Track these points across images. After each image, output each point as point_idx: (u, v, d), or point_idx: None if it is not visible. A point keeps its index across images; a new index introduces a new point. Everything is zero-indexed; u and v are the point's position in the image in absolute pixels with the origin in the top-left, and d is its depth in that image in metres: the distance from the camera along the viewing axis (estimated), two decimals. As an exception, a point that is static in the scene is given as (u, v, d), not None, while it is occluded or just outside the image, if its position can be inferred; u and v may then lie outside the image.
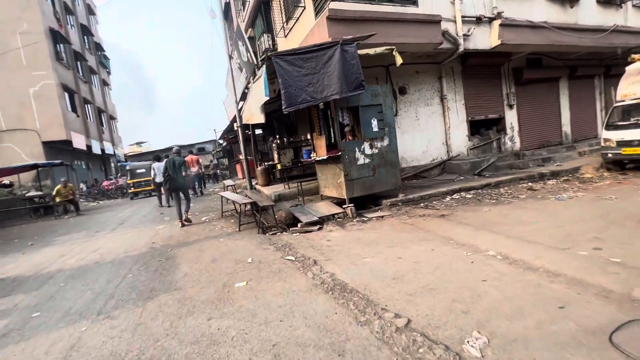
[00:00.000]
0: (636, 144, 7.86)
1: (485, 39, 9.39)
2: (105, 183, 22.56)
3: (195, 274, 4.25)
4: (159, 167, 10.77)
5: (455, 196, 7.29)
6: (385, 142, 6.78)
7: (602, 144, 8.74)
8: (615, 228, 4.27)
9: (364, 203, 7.04)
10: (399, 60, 6.72)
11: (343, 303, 2.98)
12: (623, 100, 8.70)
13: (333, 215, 6.27)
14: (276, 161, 9.66)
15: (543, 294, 2.77)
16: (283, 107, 5.55)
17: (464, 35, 9.00)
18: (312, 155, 6.89)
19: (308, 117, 7.94)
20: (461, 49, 8.98)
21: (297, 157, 9.71)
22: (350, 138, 6.57)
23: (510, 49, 9.88)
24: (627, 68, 9.06)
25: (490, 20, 9.32)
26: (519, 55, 10.81)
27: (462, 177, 9.10)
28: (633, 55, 8.27)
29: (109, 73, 33.54)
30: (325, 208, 6.64)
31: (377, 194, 6.98)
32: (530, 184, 8.01)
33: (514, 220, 5.15)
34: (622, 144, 8.15)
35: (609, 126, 8.72)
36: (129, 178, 19.33)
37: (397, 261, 3.86)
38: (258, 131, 14.32)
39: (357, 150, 6.46)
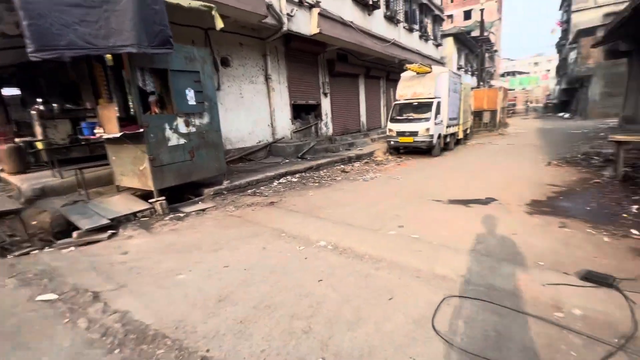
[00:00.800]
0: (407, 134, 10.30)
1: (307, 24, 9.64)
2: None
3: None
4: None
5: (283, 180, 7.18)
6: (206, 120, 5.66)
7: (387, 133, 10.99)
8: (407, 205, 5.15)
9: (181, 194, 5.75)
10: (219, 22, 5.65)
11: (139, 367, 1.94)
12: (399, 100, 11.20)
13: (134, 213, 4.69)
14: (38, 136, 6.50)
15: (373, 285, 2.74)
16: (28, 50, 3.40)
17: (288, 15, 8.84)
18: (96, 130, 4.85)
19: (89, 75, 5.60)
20: (285, 28, 8.81)
21: (79, 132, 6.88)
22: (157, 111, 5.03)
23: (326, 39, 10.64)
24: (402, 75, 11.67)
25: (311, 6, 9.60)
26: (331, 48, 11.90)
27: (287, 160, 9.22)
28: (407, 65, 10.68)
29: None
30: (122, 204, 4.91)
31: (197, 182, 5.83)
32: (342, 166, 9.02)
33: (335, 202, 5.41)
34: (399, 134, 10.48)
35: (392, 119, 11.03)
36: None
37: (223, 272, 3.07)
38: (10, 89, 9.46)
39: (167, 127, 5.03)
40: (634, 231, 3.60)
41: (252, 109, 9.41)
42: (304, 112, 11.93)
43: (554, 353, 1.91)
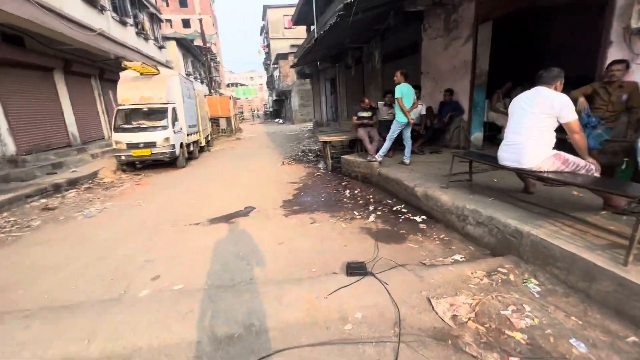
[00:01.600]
0: (143, 146, 8.55)
1: None
2: None
3: None
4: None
5: None
6: None
7: (115, 146, 8.66)
8: (158, 240, 3.97)
9: None
10: None
11: None
12: (123, 105, 9.09)
13: None
14: None
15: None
16: None
17: None
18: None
19: None
20: None
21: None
22: None
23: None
24: (121, 74, 9.52)
25: None
26: (-13, 22, 7.63)
27: None
28: (125, 63, 8.74)
29: None
30: None
31: None
32: (44, 200, 6.04)
33: (30, 270, 3.29)
34: (131, 146, 8.51)
35: (117, 129, 8.78)
36: None
37: None
38: None
39: None
40: (355, 212, 4.54)
41: None
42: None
43: (362, 382, 1.75)
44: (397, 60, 8.77)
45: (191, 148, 10.95)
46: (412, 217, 4.17)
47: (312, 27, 18.69)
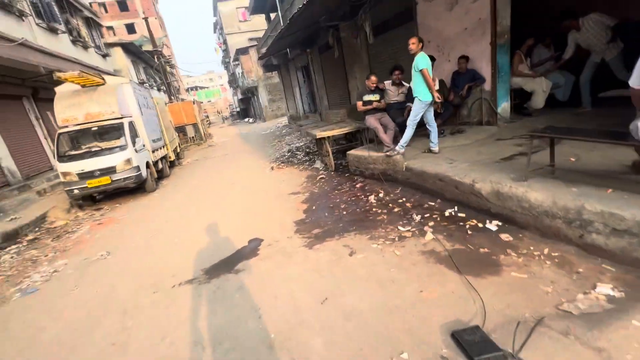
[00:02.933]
0: (99, 174, 6.95)
1: None
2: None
3: None
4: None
5: None
6: None
7: (63, 179, 7.00)
8: (137, 318, 2.67)
9: None
10: None
11: None
12: (66, 126, 7.39)
13: None
14: None
15: None
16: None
17: None
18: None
19: None
20: None
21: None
22: None
23: None
24: (57, 89, 7.76)
25: None
26: None
27: None
28: (58, 74, 6.98)
29: None
30: None
31: None
32: (-32, 271, 4.46)
33: None
34: (84, 176, 6.89)
35: (63, 157, 7.10)
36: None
37: None
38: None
39: None
40: (400, 227, 3.43)
41: None
42: None
43: None
44: (386, 32, 7.64)
45: (160, 166, 9.37)
46: (480, 225, 3.12)
47: (274, 15, 17.12)
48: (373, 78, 5.17)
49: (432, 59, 5.09)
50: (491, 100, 5.37)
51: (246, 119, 38.36)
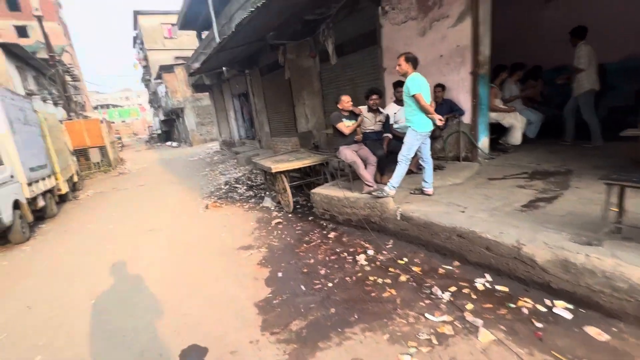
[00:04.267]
0: None
1: None
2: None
3: None
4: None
5: None
6: None
7: None
8: None
9: None
10: None
11: None
12: None
13: None
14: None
15: None
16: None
17: None
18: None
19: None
20: None
21: None
22: None
23: None
24: None
25: None
26: None
27: None
28: None
29: None
30: None
31: None
32: None
33: None
34: None
35: None
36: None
37: None
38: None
39: None
40: (432, 317, 2.29)
41: None
42: None
43: None
44: (343, 56, 6.93)
45: (41, 203, 6.75)
46: (541, 308, 2.18)
47: (206, 33, 15.53)
48: (347, 99, 4.18)
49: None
50: (471, 134, 4.86)
51: (168, 143, 34.44)
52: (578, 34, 4.61)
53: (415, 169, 4.69)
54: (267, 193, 6.52)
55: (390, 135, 4.53)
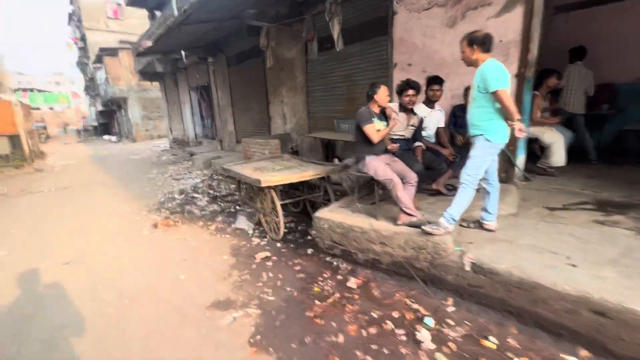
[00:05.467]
0: None
1: None
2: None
3: None
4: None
5: None
6: None
7: None
8: None
9: None
10: None
11: None
12: None
13: None
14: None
15: None
16: None
17: None
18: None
19: None
20: None
21: None
22: None
23: None
24: None
25: None
26: None
27: None
28: None
29: None
30: None
31: None
32: None
33: None
34: None
35: None
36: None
37: None
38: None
39: None
40: None
41: None
42: None
43: None
44: (345, 46, 5.74)
45: None
46: None
47: (160, 13, 13.34)
48: (386, 91, 3.00)
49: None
50: (509, 150, 3.99)
51: (106, 137, 30.18)
52: (575, 54, 4.51)
53: (445, 189, 3.68)
54: (240, 209, 5.05)
55: (423, 145, 3.45)
